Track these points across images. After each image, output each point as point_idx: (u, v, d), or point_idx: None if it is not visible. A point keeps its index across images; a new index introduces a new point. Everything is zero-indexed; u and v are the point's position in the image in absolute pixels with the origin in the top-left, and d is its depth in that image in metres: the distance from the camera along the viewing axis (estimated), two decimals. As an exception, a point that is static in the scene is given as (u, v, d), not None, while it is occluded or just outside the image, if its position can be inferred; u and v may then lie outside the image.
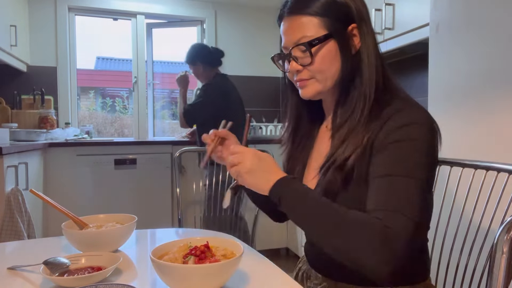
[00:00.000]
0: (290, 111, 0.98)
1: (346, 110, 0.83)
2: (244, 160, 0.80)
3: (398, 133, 0.75)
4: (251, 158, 0.80)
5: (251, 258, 0.89)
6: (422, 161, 0.74)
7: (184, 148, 2.01)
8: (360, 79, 0.82)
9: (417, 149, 0.74)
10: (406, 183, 0.72)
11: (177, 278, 0.67)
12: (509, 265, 0.62)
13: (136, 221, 0.96)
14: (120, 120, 3.71)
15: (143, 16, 3.44)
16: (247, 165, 0.80)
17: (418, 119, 0.76)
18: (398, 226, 0.68)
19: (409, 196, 0.71)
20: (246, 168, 0.80)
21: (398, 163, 0.74)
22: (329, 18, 0.81)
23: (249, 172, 0.80)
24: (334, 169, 0.80)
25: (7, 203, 1.89)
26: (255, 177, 0.80)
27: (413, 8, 1.98)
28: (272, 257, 0.96)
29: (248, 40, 3.69)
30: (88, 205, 2.69)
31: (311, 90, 0.86)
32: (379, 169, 0.75)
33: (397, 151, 0.74)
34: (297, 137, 0.98)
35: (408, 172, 0.72)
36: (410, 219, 0.69)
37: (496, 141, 1.29)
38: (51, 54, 3.18)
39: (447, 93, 1.50)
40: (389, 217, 0.69)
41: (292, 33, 0.83)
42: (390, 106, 0.79)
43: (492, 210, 0.97)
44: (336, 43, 0.82)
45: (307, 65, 0.83)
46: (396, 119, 0.76)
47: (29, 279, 0.77)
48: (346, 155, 0.79)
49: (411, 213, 0.70)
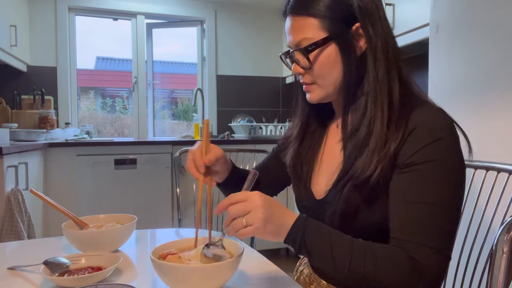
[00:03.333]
0: (300, 108, 0.92)
1: (357, 116, 0.77)
2: (255, 207, 0.66)
3: (424, 153, 0.69)
4: (262, 203, 0.67)
5: (251, 258, 0.89)
6: (452, 182, 0.70)
7: (184, 148, 2.00)
8: (368, 82, 0.76)
9: (446, 170, 0.69)
10: (439, 212, 0.68)
11: (177, 278, 0.67)
12: (509, 265, 0.62)
13: (136, 221, 0.96)
14: (120, 120, 3.70)
15: (143, 16, 3.44)
16: (262, 212, 0.66)
17: (443, 133, 0.70)
18: (431, 261, 0.67)
19: (441, 227, 0.68)
20: (263, 216, 0.66)
21: (428, 188, 0.69)
22: (329, 19, 0.75)
23: (267, 219, 0.66)
24: (354, 186, 0.74)
25: (7, 203, 1.89)
26: (273, 224, 0.68)
27: (413, 8, 1.98)
28: (272, 257, 0.96)
29: (248, 40, 3.69)
30: (88, 205, 2.69)
31: (315, 95, 0.82)
32: (408, 192, 0.70)
33: (426, 174, 0.69)
34: (306, 135, 0.92)
35: (440, 199, 0.69)
36: (441, 252, 0.68)
37: (496, 141, 1.29)
38: (51, 54, 3.18)
39: (447, 93, 1.50)
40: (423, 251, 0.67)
41: (293, 34, 0.79)
42: (413, 112, 0.73)
43: (492, 210, 0.97)
44: (337, 46, 0.76)
45: (307, 70, 0.80)
46: (422, 133, 0.70)
47: (29, 279, 0.77)
48: (370, 170, 0.71)
49: (443, 246, 0.68)
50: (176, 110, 3.90)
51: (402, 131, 0.72)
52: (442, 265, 0.69)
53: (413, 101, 0.75)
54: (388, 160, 0.71)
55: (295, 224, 0.69)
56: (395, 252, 0.69)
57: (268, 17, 3.72)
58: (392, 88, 0.75)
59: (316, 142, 0.92)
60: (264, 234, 0.68)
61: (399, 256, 0.68)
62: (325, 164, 0.88)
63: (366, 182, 0.72)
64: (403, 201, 0.71)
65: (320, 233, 0.70)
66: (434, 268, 0.67)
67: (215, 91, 3.63)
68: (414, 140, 0.71)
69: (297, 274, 0.99)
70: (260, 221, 0.66)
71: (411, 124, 0.72)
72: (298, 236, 0.69)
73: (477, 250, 0.98)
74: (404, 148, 0.71)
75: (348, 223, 0.77)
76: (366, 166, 0.72)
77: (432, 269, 0.67)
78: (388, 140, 0.72)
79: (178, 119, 3.90)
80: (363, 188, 0.74)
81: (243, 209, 0.67)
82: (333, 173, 0.81)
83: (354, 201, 0.75)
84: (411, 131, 0.71)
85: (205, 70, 3.66)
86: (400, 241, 0.70)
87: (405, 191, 0.71)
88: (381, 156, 0.72)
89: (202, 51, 3.70)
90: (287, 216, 0.70)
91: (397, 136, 0.72)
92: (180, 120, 3.89)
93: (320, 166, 0.89)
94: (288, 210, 0.71)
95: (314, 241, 0.69)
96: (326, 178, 0.84)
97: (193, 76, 3.77)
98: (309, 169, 0.90)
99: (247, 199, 0.68)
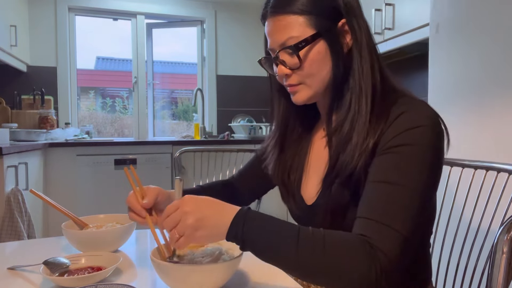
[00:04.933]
0: (277, 116, 0.89)
1: (342, 113, 0.77)
2: (182, 215, 0.64)
3: (402, 137, 0.69)
4: (190, 208, 0.64)
5: (251, 258, 0.89)
6: (424, 167, 0.67)
7: (184, 148, 2.00)
8: (353, 79, 0.75)
9: (420, 154, 0.68)
10: (403, 193, 0.66)
11: (177, 278, 0.67)
12: (509, 265, 0.62)
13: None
14: (120, 120, 3.71)
15: (143, 16, 3.44)
16: (189, 218, 0.63)
17: (423, 121, 0.69)
18: (385, 242, 0.63)
19: (402, 207, 0.65)
20: (191, 222, 0.63)
21: (398, 169, 0.67)
22: (315, 16, 0.73)
23: (196, 225, 0.63)
24: (341, 183, 0.73)
25: (7, 203, 1.89)
26: (206, 227, 0.64)
27: (413, 8, 1.98)
28: (272, 257, 0.96)
29: (248, 40, 3.69)
30: (88, 205, 2.69)
31: (302, 96, 0.79)
32: (377, 173, 0.69)
33: (398, 156, 0.68)
34: (289, 144, 0.89)
35: (407, 180, 0.66)
36: (398, 233, 0.64)
37: (496, 141, 1.29)
38: (51, 54, 3.18)
39: (447, 93, 1.50)
40: (377, 230, 0.64)
41: (277, 34, 0.76)
42: (395, 105, 0.73)
43: (492, 210, 0.97)
44: (326, 42, 0.75)
45: (296, 69, 0.76)
46: (402, 121, 0.70)
47: (29, 279, 0.77)
48: (352, 165, 0.71)
49: (401, 227, 0.64)
50: (176, 110, 3.90)
51: (383, 124, 0.71)
52: (398, 247, 0.63)
53: (393, 95, 0.75)
54: (368, 154, 0.71)
55: (234, 219, 0.65)
56: (344, 234, 0.66)
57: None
58: (375, 81, 0.75)
59: (302, 149, 0.90)
60: (198, 240, 0.65)
61: (349, 238, 0.65)
62: (314, 168, 0.86)
63: (351, 178, 0.72)
64: (371, 181, 0.70)
65: (262, 223, 0.65)
66: (389, 248, 0.62)
67: (215, 91, 3.63)
68: (394, 128, 0.70)
69: None
70: (189, 228, 0.63)
71: (392, 116, 0.71)
72: (239, 231, 0.64)
73: (477, 250, 0.98)
74: (384, 137, 0.71)
75: (338, 224, 0.75)
76: (349, 161, 0.72)
77: (387, 249, 0.62)
78: (369, 134, 0.72)
79: (178, 119, 3.90)
80: (349, 184, 0.73)
81: (174, 220, 0.65)
82: (321, 174, 0.80)
83: (343, 198, 0.74)
84: (391, 122, 0.71)
85: (205, 70, 3.66)
86: (360, 219, 0.67)
87: (375, 172, 0.70)
88: (362, 149, 0.71)
89: (202, 51, 3.70)
90: (225, 214, 0.65)
91: (377, 128, 0.71)
92: (180, 120, 3.89)
93: (308, 171, 0.87)
94: (227, 207, 0.67)
95: (256, 233, 0.64)
96: (316, 181, 0.82)
97: (193, 76, 3.77)
98: (296, 177, 0.88)
99: (177, 208, 0.65)
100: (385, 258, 0.62)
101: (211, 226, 0.64)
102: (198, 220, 0.63)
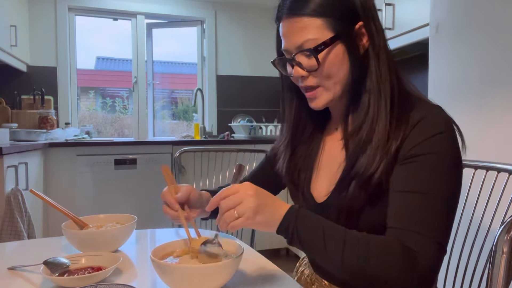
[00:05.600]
0: (288, 117, 0.89)
1: (359, 115, 0.76)
2: (246, 197, 0.66)
3: (425, 145, 0.70)
4: (253, 192, 0.67)
5: (251, 258, 0.89)
6: (449, 174, 0.69)
7: (184, 148, 2.00)
8: (371, 80, 0.75)
9: (444, 162, 0.69)
10: (434, 202, 0.68)
11: (177, 278, 0.67)
12: (509, 265, 0.62)
13: (136, 221, 0.96)
14: (120, 120, 3.71)
15: (143, 16, 3.44)
16: (252, 201, 0.66)
17: (443, 127, 0.70)
18: (426, 252, 0.66)
19: (437, 217, 0.68)
20: (253, 206, 0.66)
21: (425, 178, 0.69)
22: (333, 18, 0.73)
23: (257, 209, 0.66)
24: (358, 185, 0.73)
25: (7, 203, 1.89)
26: (265, 214, 0.67)
27: (413, 8, 1.98)
28: (272, 257, 0.96)
29: (248, 40, 3.69)
30: (88, 205, 2.69)
31: (321, 101, 0.79)
32: (405, 183, 0.70)
33: (423, 164, 0.69)
34: (300, 145, 0.90)
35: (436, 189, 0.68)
36: (436, 242, 0.67)
37: (496, 141, 1.29)
38: (51, 54, 3.18)
39: (447, 93, 1.50)
40: (417, 240, 0.67)
41: (293, 36, 0.75)
42: (413, 109, 0.73)
43: (492, 210, 0.97)
44: (344, 45, 0.75)
45: (314, 71, 0.76)
46: (422, 127, 0.71)
47: (29, 279, 0.77)
48: (373, 168, 0.71)
49: (438, 235, 0.67)
50: (176, 110, 3.90)
51: (404, 128, 0.72)
52: (436, 255, 0.67)
53: (410, 99, 0.76)
54: (390, 158, 0.71)
55: (287, 213, 0.68)
56: (388, 242, 0.68)
57: (268, 17, 3.69)
58: (392, 83, 0.75)
59: (313, 148, 0.90)
60: (255, 225, 0.67)
61: (393, 245, 0.67)
62: (325, 168, 0.87)
63: (370, 180, 0.72)
64: (399, 191, 0.71)
65: (312, 221, 0.69)
66: (428, 257, 0.66)
67: (215, 91, 3.63)
68: (416, 134, 0.71)
69: (298, 275, 0.99)
70: (251, 210, 0.66)
71: (412, 121, 0.72)
72: (290, 225, 0.68)
73: (477, 250, 0.98)
74: (406, 143, 0.71)
75: (351, 224, 0.75)
76: (370, 163, 0.72)
77: (426, 257, 0.66)
78: (390, 137, 0.72)
79: (178, 119, 3.90)
80: (368, 186, 0.73)
81: (234, 201, 0.66)
82: (334, 174, 0.81)
83: (359, 200, 0.74)
84: (413, 127, 0.71)
85: (205, 70, 3.66)
86: (395, 229, 0.69)
87: (402, 182, 0.71)
88: (384, 152, 0.72)
89: (202, 51, 3.70)
90: (280, 206, 0.69)
91: (399, 133, 0.72)
92: (180, 120, 3.89)
93: (319, 170, 0.88)
94: (281, 201, 0.70)
95: (306, 230, 0.68)
96: (327, 180, 0.83)
97: (193, 76, 3.77)
98: (306, 175, 0.88)
99: (238, 191, 0.67)
100: (425, 268, 0.65)
101: (269, 214, 0.68)
102: (260, 205, 0.66)
